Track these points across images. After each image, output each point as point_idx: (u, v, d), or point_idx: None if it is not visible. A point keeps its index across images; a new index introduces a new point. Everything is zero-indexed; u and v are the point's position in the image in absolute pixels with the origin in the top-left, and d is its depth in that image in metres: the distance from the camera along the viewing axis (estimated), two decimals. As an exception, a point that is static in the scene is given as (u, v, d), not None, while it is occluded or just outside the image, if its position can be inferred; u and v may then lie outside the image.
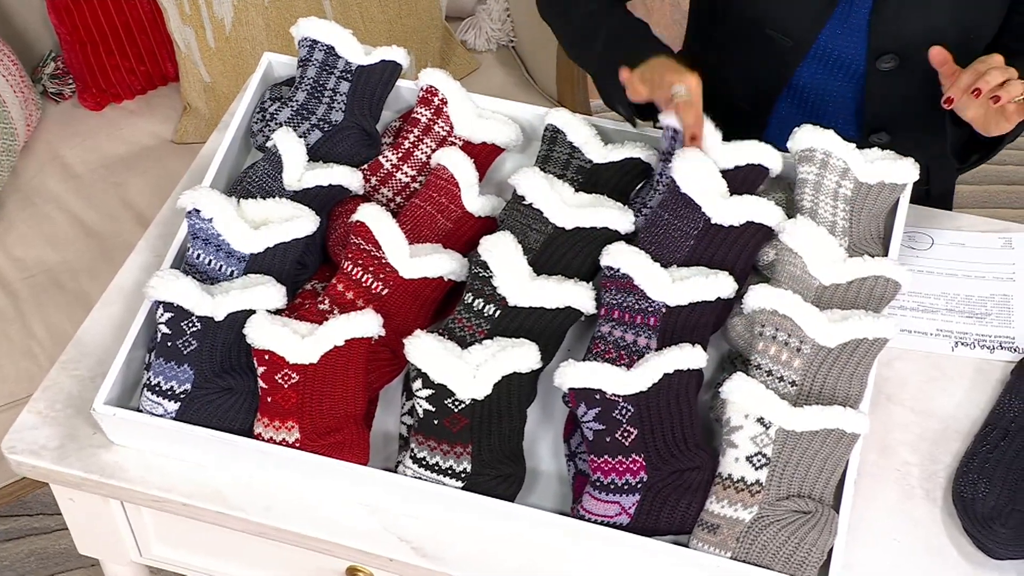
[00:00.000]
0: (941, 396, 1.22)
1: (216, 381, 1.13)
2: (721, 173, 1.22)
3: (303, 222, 1.19)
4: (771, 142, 1.24)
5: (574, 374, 1.07)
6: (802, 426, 1.08)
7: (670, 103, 1.17)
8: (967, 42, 1.29)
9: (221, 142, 1.32)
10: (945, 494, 1.15)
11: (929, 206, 1.39)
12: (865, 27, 1.28)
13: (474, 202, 1.27)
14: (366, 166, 1.31)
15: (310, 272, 1.24)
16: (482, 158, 1.32)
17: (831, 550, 1.06)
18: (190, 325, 1.13)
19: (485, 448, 1.10)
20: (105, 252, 1.89)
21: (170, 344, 1.13)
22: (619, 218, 1.21)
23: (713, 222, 1.18)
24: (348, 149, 1.31)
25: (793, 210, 1.23)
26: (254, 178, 1.25)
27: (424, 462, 1.10)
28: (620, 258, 1.15)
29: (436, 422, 1.10)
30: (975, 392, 1.22)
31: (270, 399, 1.12)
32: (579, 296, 1.16)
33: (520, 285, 1.16)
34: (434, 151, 1.30)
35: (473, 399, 1.10)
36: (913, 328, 1.27)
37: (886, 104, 1.34)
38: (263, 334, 1.11)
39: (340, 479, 1.12)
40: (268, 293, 1.15)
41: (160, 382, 1.12)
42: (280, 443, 1.11)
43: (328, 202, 1.26)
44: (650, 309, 1.14)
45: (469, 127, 1.32)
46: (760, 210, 1.17)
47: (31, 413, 1.18)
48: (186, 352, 1.13)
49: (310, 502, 1.14)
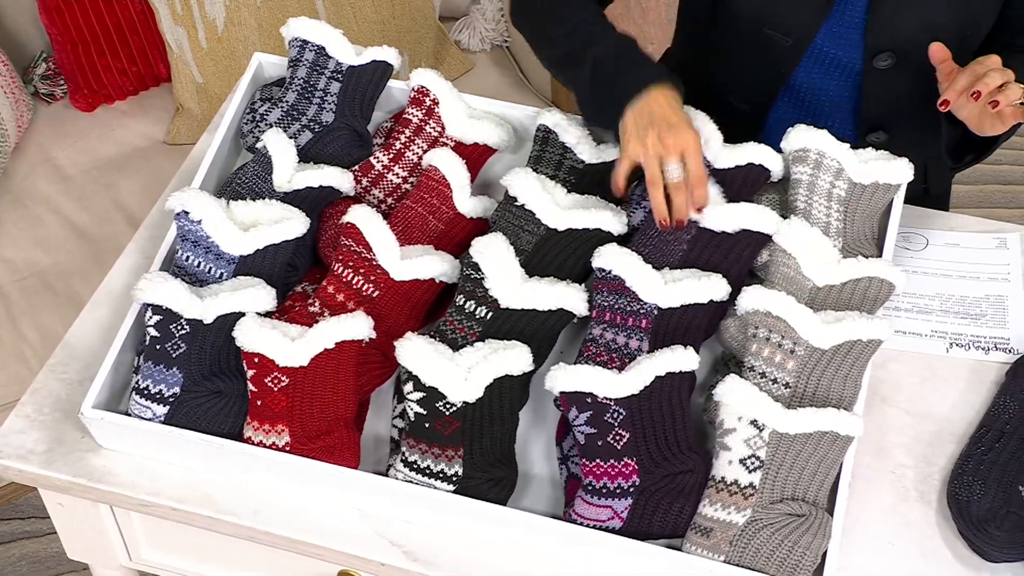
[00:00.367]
0: (936, 398, 1.21)
1: (205, 384, 1.12)
2: (720, 173, 1.22)
3: (293, 224, 1.18)
4: (769, 142, 1.23)
5: (565, 378, 1.07)
6: (796, 428, 1.07)
7: (658, 180, 1.12)
8: (963, 39, 1.28)
9: (211, 143, 1.31)
10: (940, 496, 1.15)
11: (927, 205, 1.38)
12: (861, 25, 1.28)
13: (466, 203, 1.26)
14: (357, 167, 1.30)
15: (300, 274, 1.24)
16: (474, 159, 1.31)
17: (825, 553, 1.06)
18: (179, 328, 1.12)
19: (477, 451, 1.09)
20: (97, 254, 1.88)
21: (159, 347, 1.12)
22: (612, 219, 1.20)
23: (704, 226, 1.17)
24: (339, 150, 1.30)
25: (787, 210, 1.22)
26: (244, 179, 1.24)
27: (415, 465, 1.09)
28: (612, 259, 1.15)
29: (427, 425, 1.09)
30: (970, 393, 1.21)
31: (260, 402, 1.11)
32: (571, 298, 1.15)
33: (512, 287, 1.15)
34: (425, 152, 1.30)
35: (464, 402, 1.09)
36: (907, 329, 1.26)
37: (883, 102, 1.34)
38: (252, 337, 1.10)
39: (331, 483, 1.11)
40: (258, 295, 1.14)
41: (149, 385, 1.12)
42: (270, 447, 1.11)
43: (319, 203, 1.25)
44: (642, 311, 1.13)
45: (461, 128, 1.31)
46: (755, 217, 1.17)
47: (19, 417, 1.17)
48: (175, 355, 1.12)
49: (300, 506, 1.13)
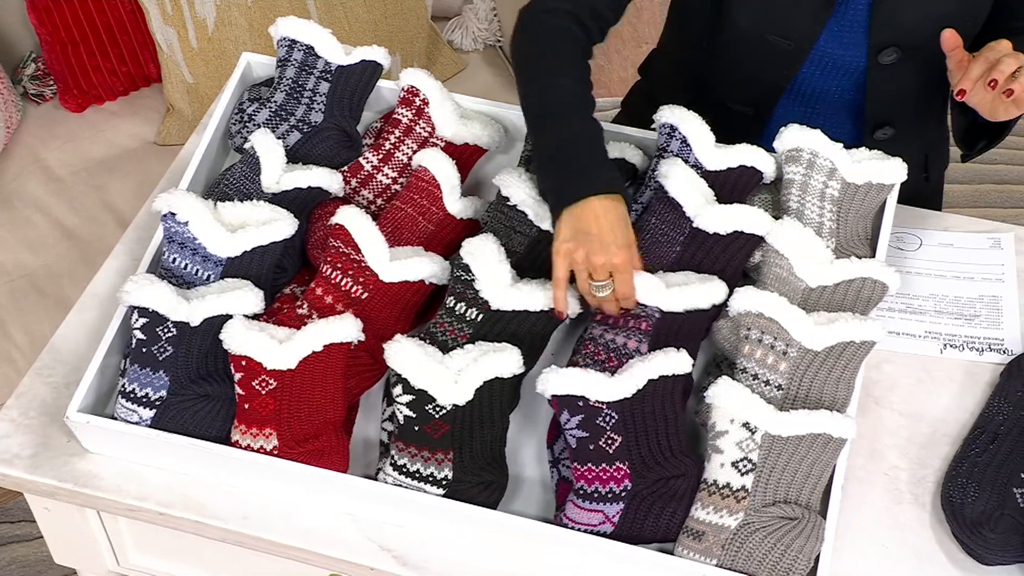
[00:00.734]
0: (930, 399, 1.21)
1: (192, 388, 1.11)
2: (712, 175, 1.21)
3: (281, 225, 1.17)
4: (771, 144, 1.22)
5: (557, 381, 1.06)
6: (788, 431, 1.06)
7: (590, 296, 1.11)
8: (965, 27, 1.27)
9: (199, 144, 1.30)
10: (934, 499, 1.14)
11: (924, 195, 1.37)
12: (865, 23, 1.27)
13: (456, 204, 1.25)
14: (346, 168, 1.29)
15: (289, 276, 1.22)
16: (464, 159, 1.30)
17: (818, 557, 1.05)
18: (165, 331, 1.11)
19: (467, 455, 1.08)
20: (86, 256, 1.87)
21: (145, 350, 1.11)
22: (604, 220, 1.19)
23: (697, 226, 1.16)
24: (328, 150, 1.29)
25: (779, 211, 1.21)
26: (231, 180, 1.23)
27: (405, 469, 1.08)
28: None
29: (417, 428, 1.08)
30: (964, 395, 1.21)
31: (247, 406, 1.10)
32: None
33: (502, 288, 1.14)
34: (415, 152, 1.29)
35: (454, 405, 1.08)
36: (901, 330, 1.25)
37: (888, 98, 1.33)
38: (240, 339, 1.09)
39: (319, 487, 1.10)
40: (245, 298, 1.13)
41: (135, 389, 1.10)
42: (258, 450, 1.09)
43: (307, 204, 1.24)
44: (643, 313, 1.13)
45: (451, 128, 1.30)
46: (748, 219, 1.16)
47: (4, 421, 1.16)
48: (161, 358, 1.11)
49: (289, 510, 1.12)
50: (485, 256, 1.15)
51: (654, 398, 1.07)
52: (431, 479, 1.08)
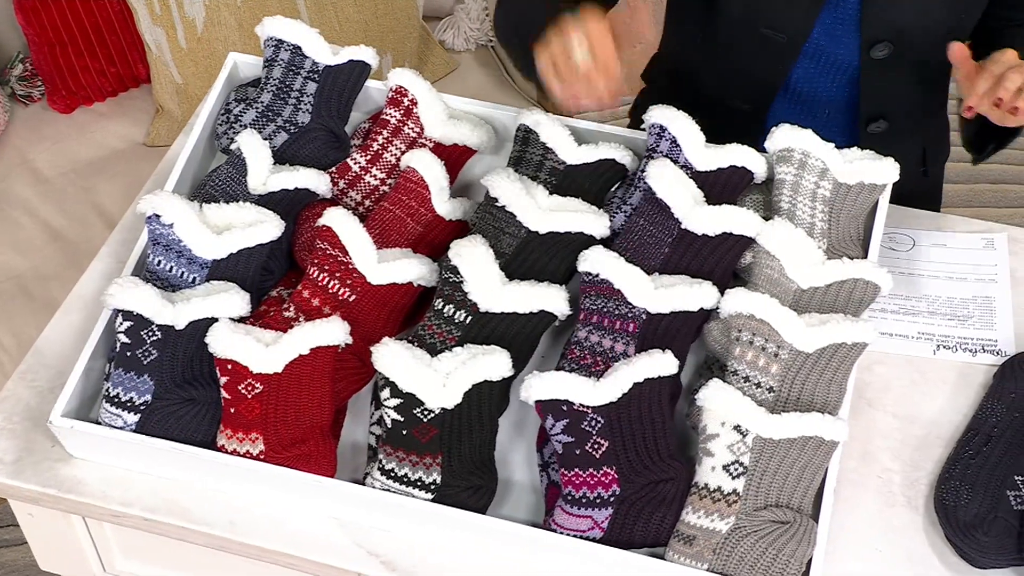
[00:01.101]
0: (923, 401, 1.20)
1: (177, 392, 1.10)
2: (703, 175, 1.20)
3: (267, 227, 1.16)
4: (763, 137, 1.21)
5: (540, 386, 1.04)
6: (780, 434, 1.05)
7: (576, 75, 1.11)
8: (959, 27, 1.27)
9: (184, 145, 1.28)
10: (927, 502, 1.13)
11: (923, 192, 1.36)
12: (856, 18, 1.27)
13: (444, 205, 1.24)
14: (334, 169, 1.27)
15: (276, 278, 1.21)
16: (453, 160, 1.29)
17: (810, 561, 1.04)
18: (150, 334, 1.10)
19: (455, 459, 1.07)
20: (75, 258, 1.86)
21: (129, 354, 1.09)
22: (594, 223, 1.18)
23: (686, 228, 1.15)
24: (315, 151, 1.27)
25: (771, 211, 1.20)
26: (217, 182, 1.22)
27: (393, 474, 1.07)
28: (599, 263, 1.13)
29: (405, 432, 1.07)
30: (957, 396, 1.20)
31: (233, 410, 1.08)
32: (552, 299, 1.13)
33: (491, 290, 1.13)
34: (404, 153, 1.27)
35: (443, 408, 1.07)
36: (894, 331, 1.25)
37: (882, 92, 1.33)
38: (225, 343, 1.08)
39: (307, 492, 1.09)
40: (231, 300, 1.11)
41: (119, 393, 1.09)
42: (244, 455, 1.08)
43: (294, 206, 1.22)
44: (630, 315, 1.11)
45: (440, 128, 1.29)
46: (738, 220, 1.15)
47: (-13, 426, 1.15)
48: (146, 362, 1.09)
49: (276, 516, 1.10)
50: (473, 258, 1.13)
51: (640, 401, 1.06)
52: (419, 483, 1.07)
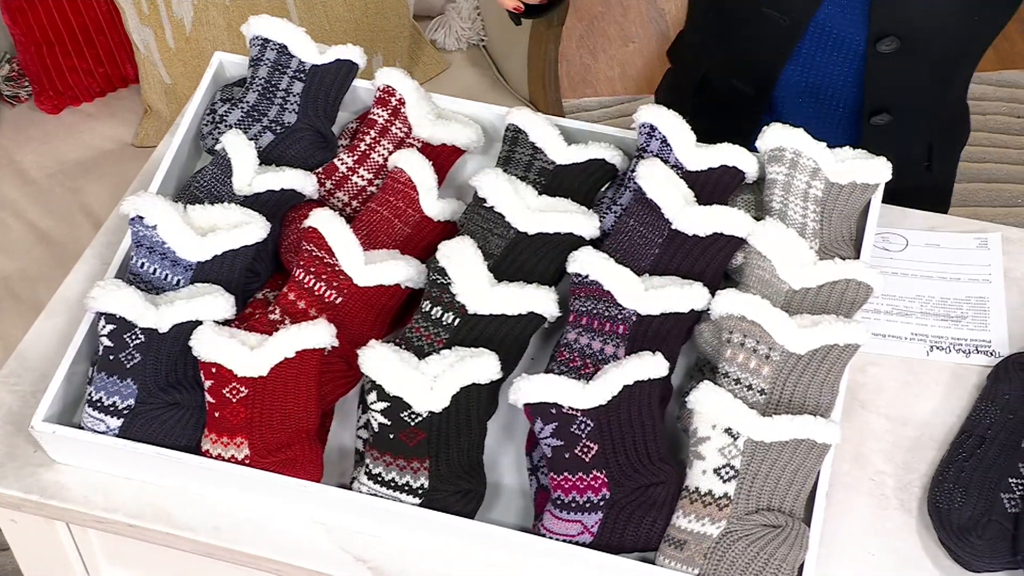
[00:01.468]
0: (916, 402, 1.19)
1: (161, 396, 1.08)
2: (693, 175, 1.19)
3: (252, 228, 1.15)
4: (772, 121, 1.19)
5: (529, 388, 1.03)
6: (771, 436, 1.04)
7: None
8: (971, 25, 1.26)
9: (169, 146, 1.27)
10: (921, 504, 1.12)
11: (925, 192, 1.34)
12: (865, 7, 1.25)
13: (433, 206, 1.22)
14: (320, 169, 1.26)
15: (262, 280, 1.20)
16: (442, 160, 1.28)
17: (802, 565, 1.03)
18: (133, 337, 1.08)
19: (443, 463, 1.06)
20: (62, 260, 1.84)
21: (112, 357, 1.08)
22: (584, 223, 1.17)
23: (676, 228, 1.14)
24: (301, 152, 1.26)
25: (762, 211, 1.19)
26: (202, 183, 1.20)
27: (380, 478, 1.06)
28: (588, 264, 1.12)
29: (392, 436, 1.06)
30: (951, 398, 1.19)
31: (218, 414, 1.07)
32: (541, 301, 1.12)
33: (479, 292, 1.11)
34: (392, 153, 1.26)
35: (430, 412, 1.06)
36: (887, 332, 1.23)
37: (887, 86, 1.31)
38: (210, 346, 1.06)
39: (292, 497, 1.08)
40: (215, 303, 1.10)
41: (102, 397, 1.08)
42: (229, 460, 1.07)
43: (280, 207, 1.21)
44: (620, 317, 1.10)
45: (428, 128, 1.27)
46: (729, 221, 1.13)
47: (-31, 430, 1.14)
48: (129, 366, 1.08)
49: (262, 521, 1.09)
50: (461, 259, 1.12)
51: (630, 404, 1.04)
52: (407, 488, 1.05)
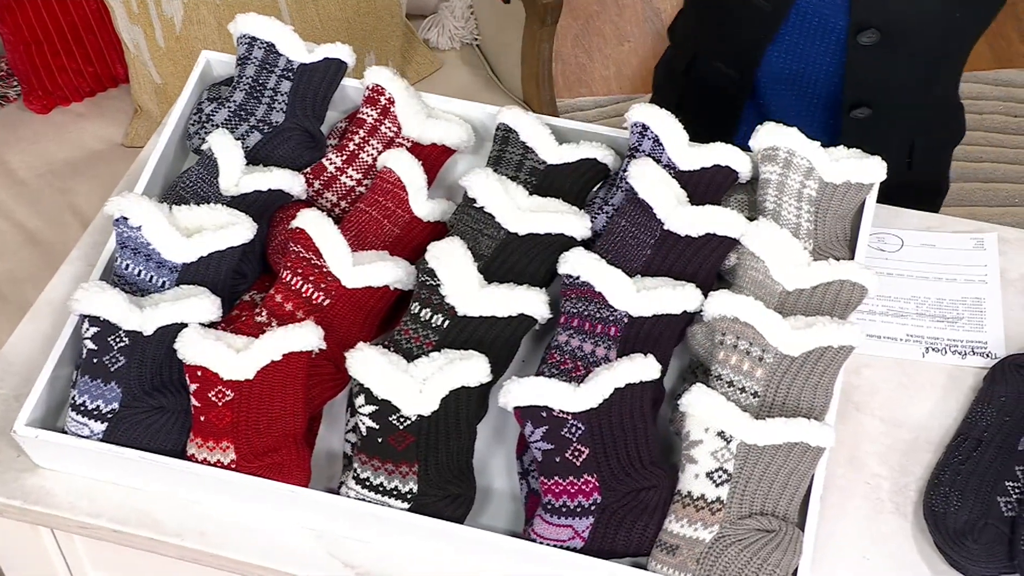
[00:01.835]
0: (912, 405, 1.17)
1: (146, 400, 1.07)
2: (686, 175, 1.18)
3: (239, 229, 1.13)
4: (757, 109, 1.19)
5: (519, 391, 1.02)
6: (765, 440, 1.02)
7: None
8: (953, 21, 1.25)
9: (155, 146, 1.26)
10: (916, 508, 1.10)
11: (907, 189, 1.33)
12: None
13: (423, 206, 1.21)
14: (309, 169, 1.25)
15: (249, 282, 1.18)
16: (432, 160, 1.27)
17: (796, 570, 1.01)
18: (117, 340, 1.07)
19: (432, 467, 1.04)
20: (51, 261, 1.83)
21: (96, 361, 1.06)
22: (575, 224, 1.16)
23: (668, 229, 1.13)
24: (290, 152, 1.24)
25: (755, 211, 1.18)
26: (188, 183, 1.19)
27: (368, 483, 1.04)
28: (579, 265, 1.10)
29: (380, 440, 1.04)
30: (947, 400, 1.17)
31: (203, 418, 1.06)
32: (532, 302, 1.11)
33: (469, 293, 1.10)
34: (381, 153, 1.25)
35: (419, 415, 1.04)
36: (882, 333, 1.22)
37: (867, 79, 1.31)
38: (195, 349, 1.05)
39: (279, 502, 1.06)
40: (201, 305, 1.08)
41: (85, 401, 1.06)
42: (215, 464, 1.05)
43: (268, 208, 1.20)
44: (611, 318, 1.09)
45: (418, 128, 1.26)
46: (721, 221, 1.12)
47: (-49, 435, 1.12)
48: (113, 369, 1.06)
49: (248, 526, 1.08)
50: (451, 260, 1.11)
51: (622, 407, 1.03)
52: (395, 493, 1.04)
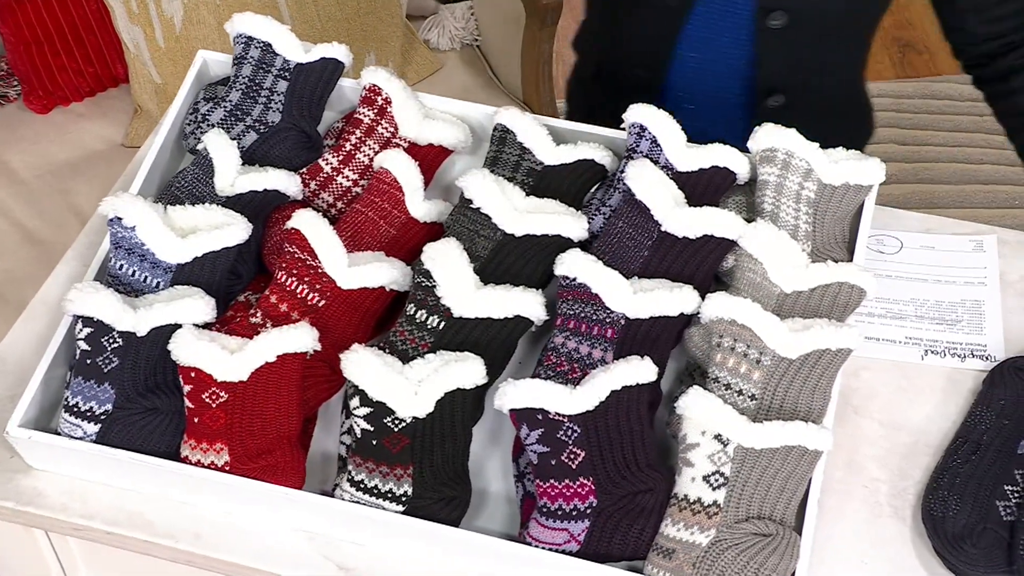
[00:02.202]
0: (910, 408, 1.16)
1: (139, 401, 1.06)
2: (684, 176, 1.17)
3: (234, 230, 1.12)
4: (668, 107, 1.19)
5: (514, 394, 1.01)
6: (762, 443, 1.02)
7: None
8: (857, 1, 1.27)
9: (151, 146, 1.25)
10: (915, 512, 1.10)
11: None
12: None
13: (419, 207, 1.20)
14: (305, 170, 1.24)
15: (245, 282, 1.18)
16: (429, 161, 1.26)
17: (793, 575, 1.00)
18: (111, 341, 1.06)
19: (427, 469, 1.04)
20: (50, 261, 1.80)
21: (89, 362, 1.06)
22: (572, 225, 1.15)
23: (665, 230, 1.12)
24: (286, 152, 1.24)
25: (753, 213, 1.17)
26: (183, 183, 1.18)
27: (362, 485, 1.04)
28: (576, 267, 1.10)
29: (375, 442, 1.04)
30: (946, 403, 1.16)
31: (197, 419, 1.05)
32: (528, 304, 1.10)
33: (465, 295, 1.09)
34: (378, 153, 1.24)
35: (414, 417, 1.04)
36: (881, 336, 1.21)
37: (778, 64, 1.31)
38: (188, 350, 1.04)
39: (274, 504, 1.06)
40: (195, 306, 1.08)
41: (79, 402, 1.06)
42: (208, 466, 1.05)
43: (263, 208, 1.19)
44: (608, 320, 1.08)
45: (415, 128, 1.25)
46: (719, 223, 1.11)
47: (-55, 436, 1.11)
48: (106, 370, 1.06)
49: (243, 528, 1.07)
50: (447, 261, 1.10)
51: (618, 409, 1.02)
52: (390, 495, 1.03)
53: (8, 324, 1.73)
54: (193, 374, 1.04)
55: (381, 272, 1.12)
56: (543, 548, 1.01)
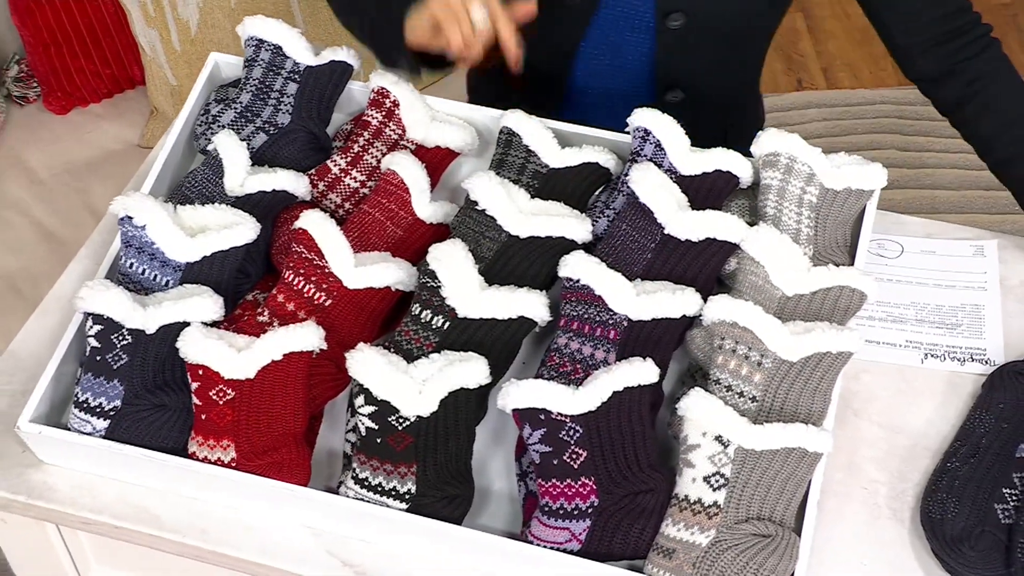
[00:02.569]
0: (910, 411, 1.17)
1: (148, 397, 1.08)
2: (687, 180, 1.18)
3: (243, 229, 1.14)
4: (572, 103, 1.21)
5: (517, 394, 1.02)
6: (762, 445, 1.03)
7: (468, 38, 1.13)
8: (755, 4, 1.32)
9: (163, 146, 1.27)
10: (913, 514, 1.10)
11: None
12: None
13: (425, 208, 1.22)
14: (313, 171, 1.26)
15: (253, 281, 1.19)
16: (435, 163, 1.27)
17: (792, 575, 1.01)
18: (120, 338, 1.08)
19: (431, 468, 1.05)
20: (66, 259, 1.82)
21: (99, 358, 1.08)
22: (576, 227, 1.16)
23: (669, 233, 1.13)
24: (295, 153, 1.26)
25: (756, 217, 1.18)
26: (194, 183, 1.20)
27: (367, 483, 1.05)
28: (579, 268, 1.11)
29: (379, 440, 1.05)
30: (946, 406, 1.17)
31: (204, 416, 1.07)
32: (532, 305, 1.11)
33: (469, 295, 1.11)
34: (385, 155, 1.26)
35: (418, 416, 1.05)
36: (881, 339, 1.22)
37: (678, 61, 1.36)
38: (197, 348, 1.06)
39: (279, 500, 1.07)
40: (203, 304, 1.10)
41: (88, 399, 1.08)
42: (215, 462, 1.06)
43: (272, 208, 1.21)
44: (611, 321, 1.09)
45: (422, 130, 1.27)
46: (722, 226, 1.12)
47: (-42, 430, 1.14)
48: (116, 367, 1.08)
49: (248, 524, 1.09)
50: (452, 262, 1.12)
51: (620, 410, 1.03)
52: (393, 493, 1.05)
53: (25, 319, 1.76)
54: (201, 371, 1.06)
55: (387, 272, 1.14)
56: (544, 547, 1.02)
